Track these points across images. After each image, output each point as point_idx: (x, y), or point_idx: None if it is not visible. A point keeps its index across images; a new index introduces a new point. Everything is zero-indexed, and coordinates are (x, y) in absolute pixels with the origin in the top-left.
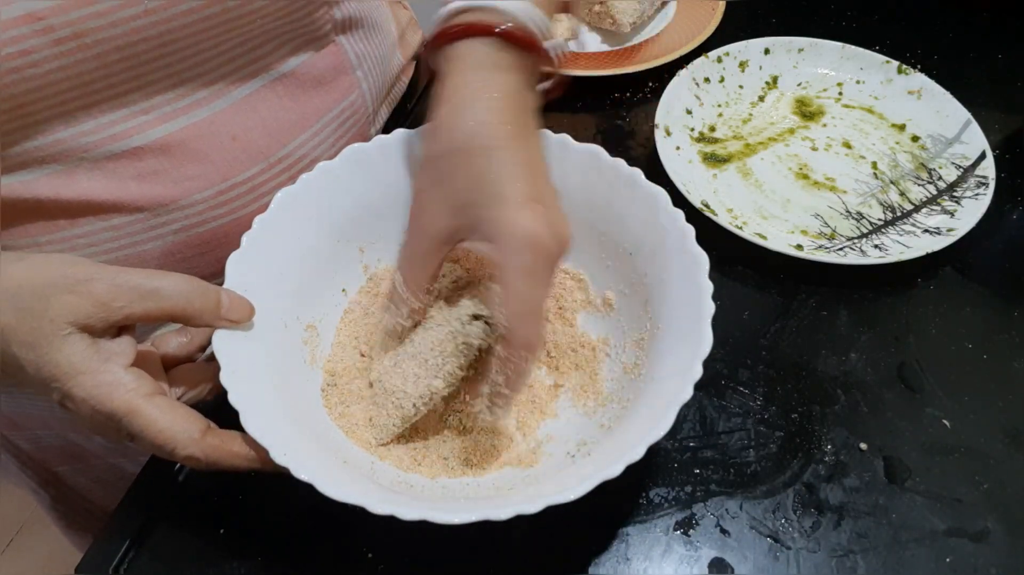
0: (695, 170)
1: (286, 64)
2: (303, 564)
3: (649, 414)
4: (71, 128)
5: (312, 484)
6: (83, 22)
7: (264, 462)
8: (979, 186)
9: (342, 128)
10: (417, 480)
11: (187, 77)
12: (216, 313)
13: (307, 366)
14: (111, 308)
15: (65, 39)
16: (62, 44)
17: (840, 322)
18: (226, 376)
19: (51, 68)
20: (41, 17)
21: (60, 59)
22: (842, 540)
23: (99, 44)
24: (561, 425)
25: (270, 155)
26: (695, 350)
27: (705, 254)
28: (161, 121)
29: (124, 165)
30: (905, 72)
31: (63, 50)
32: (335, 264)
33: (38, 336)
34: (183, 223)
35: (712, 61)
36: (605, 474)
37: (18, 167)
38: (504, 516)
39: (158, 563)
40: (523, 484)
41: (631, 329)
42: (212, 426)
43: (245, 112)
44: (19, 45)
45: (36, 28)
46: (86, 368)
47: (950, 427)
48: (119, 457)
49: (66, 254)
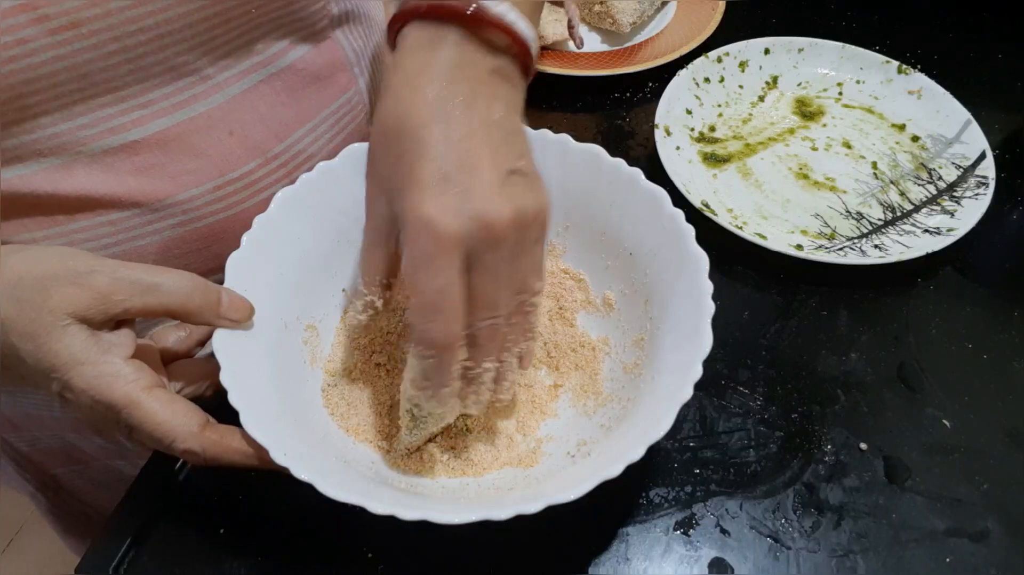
0: (695, 170)
1: (284, 58)
2: (303, 564)
3: (649, 414)
4: (68, 121)
5: (312, 484)
6: (79, 11)
7: (263, 460)
8: (979, 186)
9: (340, 124)
10: (417, 480)
11: (184, 70)
12: (216, 311)
13: (307, 366)
14: (111, 301)
15: (61, 28)
16: (58, 34)
17: (840, 322)
18: (226, 376)
19: (48, 58)
20: (37, 7)
21: (56, 49)
22: (842, 540)
23: (95, 34)
24: (561, 425)
25: (267, 151)
26: (695, 350)
27: (705, 254)
28: (158, 115)
29: (121, 159)
30: (905, 72)
31: (59, 40)
32: (335, 264)
33: (37, 327)
34: (180, 218)
35: (712, 61)
36: (605, 474)
37: (15, 161)
38: (504, 516)
39: (158, 563)
40: (523, 484)
41: (631, 329)
42: (211, 421)
43: (242, 107)
44: (15, 34)
45: (32, 17)
46: (86, 359)
47: (950, 427)
48: (117, 459)
49: (66, 247)
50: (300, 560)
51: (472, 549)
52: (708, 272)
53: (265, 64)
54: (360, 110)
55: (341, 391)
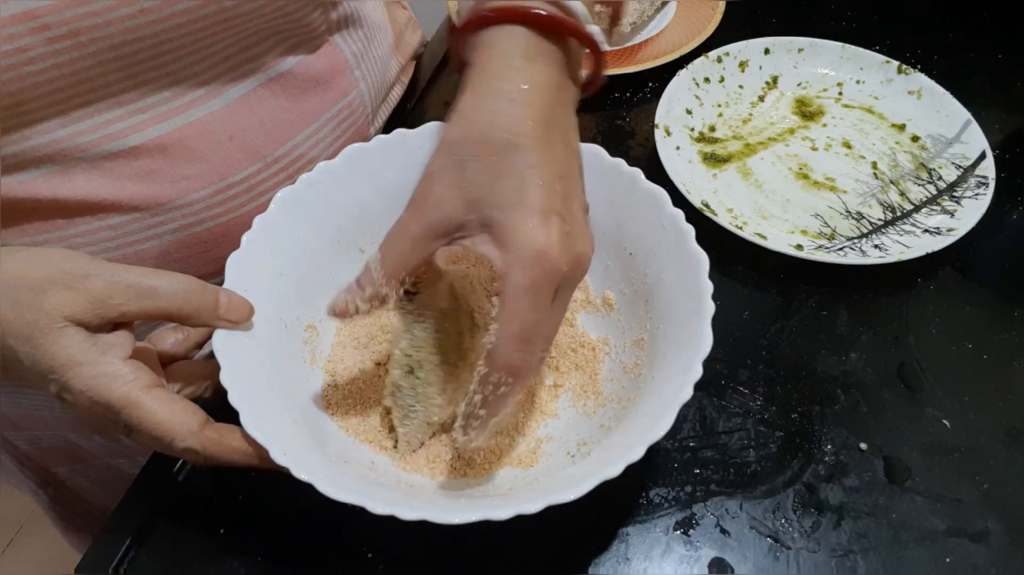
0: (695, 170)
1: (282, 63)
2: (303, 564)
3: (649, 414)
4: (68, 128)
5: (312, 484)
6: (79, 20)
7: (263, 460)
8: (979, 186)
9: (340, 128)
10: (417, 480)
11: (183, 77)
12: (214, 313)
13: (307, 366)
14: (107, 305)
15: (61, 37)
16: (58, 43)
17: (840, 322)
18: (226, 376)
19: (47, 66)
20: (37, 15)
21: (56, 57)
22: (842, 540)
23: (95, 43)
24: (561, 425)
25: (267, 155)
26: (695, 350)
27: (705, 254)
28: (158, 120)
29: (121, 164)
30: (905, 72)
31: (59, 48)
32: (335, 264)
33: (34, 329)
34: (180, 223)
35: (712, 61)
36: (605, 474)
37: (15, 168)
38: (504, 516)
39: (158, 563)
40: (523, 484)
41: (631, 329)
42: (211, 420)
43: (242, 111)
44: (15, 43)
45: (32, 26)
46: (84, 360)
47: (950, 427)
48: (119, 458)
49: (64, 249)
50: (300, 560)
51: (472, 549)
52: (708, 272)
53: (264, 69)
54: (361, 113)
55: (341, 391)
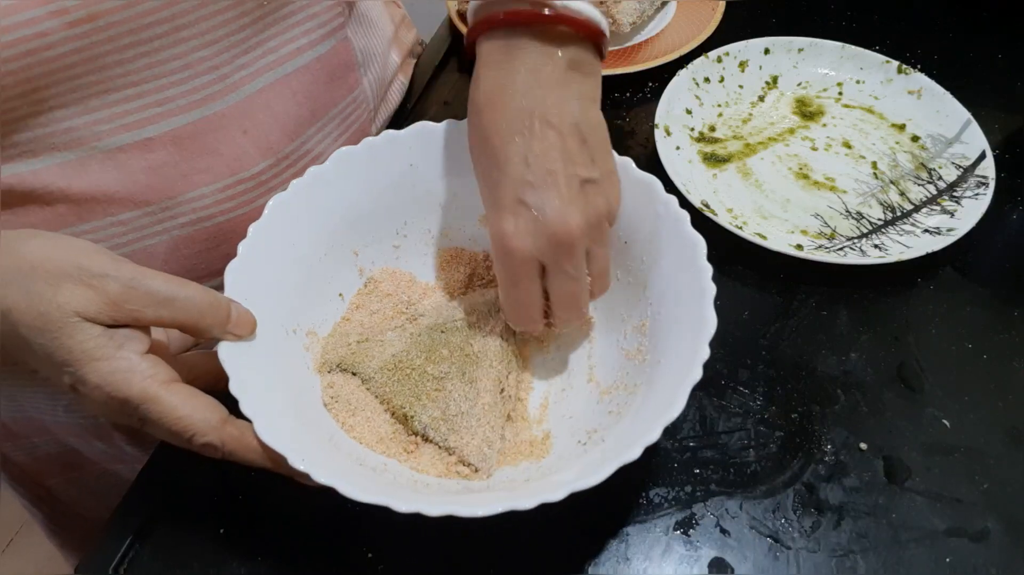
0: (695, 170)
1: (300, 58)
2: (303, 564)
3: (660, 397)
4: (84, 115)
5: (333, 487)
6: (96, 4)
7: (279, 466)
8: (979, 186)
9: (346, 123)
10: (432, 479)
11: (201, 70)
12: (224, 328)
13: (311, 373)
14: (122, 310)
15: (80, 21)
16: (76, 27)
17: (840, 322)
18: (235, 385)
19: (66, 51)
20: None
21: (74, 42)
22: (842, 540)
23: (112, 27)
24: (568, 415)
25: (279, 150)
26: (700, 331)
27: (702, 237)
28: (174, 113)
29: (135, 156)
30: (905, 72)
31: (77, 32)
32: (330, 269)
33: (47, 322)
34: (190, 217)
35: (712, 61)
36: (624, 458)
37: (29, 155)
38: (529, 506)
39: (158, 563)
40: (538, 475)
41: (631, 316)
42: (231, 416)
43: (257, 106)
44: (35, 27)
45: (51, 10)
46: (101, 355)
47: (950, 427)
48: (116, 463)
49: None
50: (300, 560)
51: (472, 549)
52: (706, 255)
53: (281, 63)
54: (364, 109)
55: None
